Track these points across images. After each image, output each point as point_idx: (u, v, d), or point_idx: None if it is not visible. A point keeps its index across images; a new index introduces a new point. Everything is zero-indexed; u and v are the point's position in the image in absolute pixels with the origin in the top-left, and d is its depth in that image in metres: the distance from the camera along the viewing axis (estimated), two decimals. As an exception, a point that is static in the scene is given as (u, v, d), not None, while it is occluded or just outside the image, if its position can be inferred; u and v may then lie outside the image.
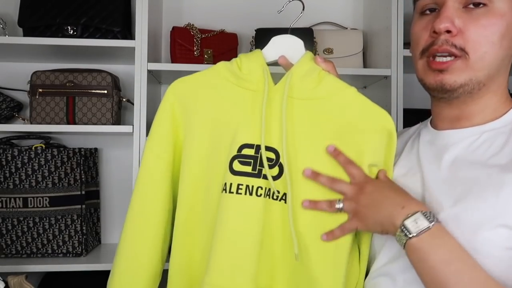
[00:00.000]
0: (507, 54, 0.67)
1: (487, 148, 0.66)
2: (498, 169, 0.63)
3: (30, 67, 1.46)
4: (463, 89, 0.67)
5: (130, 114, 1.57)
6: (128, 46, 1.35)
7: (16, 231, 1.36)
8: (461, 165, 0.68)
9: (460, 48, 0.65)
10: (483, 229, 0.60)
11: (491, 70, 0.66)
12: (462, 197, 0.64)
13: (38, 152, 1.37)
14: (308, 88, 0.77)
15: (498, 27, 0.64)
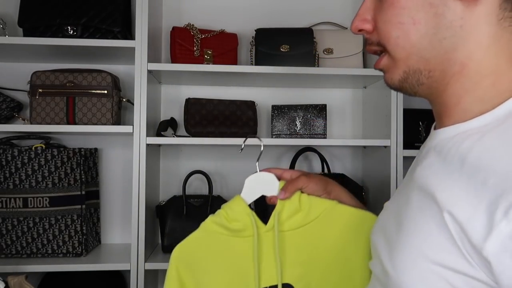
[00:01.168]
0: (436, 25, 0.51)
1: (451, 158, 0.51)
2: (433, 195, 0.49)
3: (30, 67, 1.46)
4: (407, 84, 0.56)
5: (130, 114, 1.57)
6: (128, 46, 1.35)
7: (16, 231, 1.36)
8: (415, 179, 0.55)
9: (378, 43, 0.57)
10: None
11: (423, 53, 0.53)
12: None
13: (38, 152, 1.37)
14: (295, 219, 0.77)
15: (401, 4, 0.53)
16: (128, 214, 1.41)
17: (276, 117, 1.51)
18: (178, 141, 1.43)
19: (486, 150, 0.47)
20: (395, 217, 0.57)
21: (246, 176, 1.01)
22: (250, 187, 0.79)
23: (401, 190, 0.61)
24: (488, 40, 0.51)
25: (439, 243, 0.46)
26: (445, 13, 0.50)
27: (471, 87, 0.52)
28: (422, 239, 0.48)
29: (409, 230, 0.51)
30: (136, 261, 1.33)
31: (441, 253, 0.46)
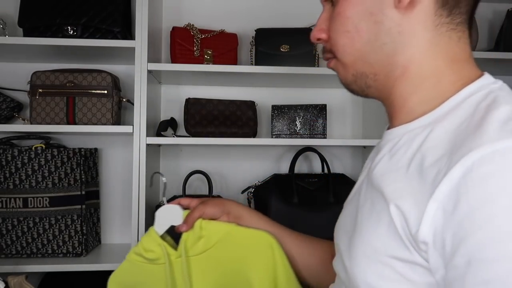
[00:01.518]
0: (377, 32, 0.54)
1: (403, 152, 0.53)
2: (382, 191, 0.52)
3: (30, 67, 1.46)
4: (356, 85, 0.59)
5: (130, 114, 1.57)
6: (128, 46, 1.35)
7: (16, 231, 1.36)
8: (370, 179, 0.58)
9: (329, 51, 0.60)
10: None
11: (367, 58, 0.56)
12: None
13: (38, 152, 1.37)
14: (198, 245, 0.84)
15: (346, 13, 0.55)
16: (128, 214, 1.41)
17: (276, 117, 1.51)
18: (178, 141, 1.43)
19: (429, 147, 0.49)
20: (352, 216, 0.60)
21: (246, 176, 1.02)
22: (160, 218, 0.85)
23: (357, 189, 0.64)
24: (426, 44, 0.54)
25: (387, 236, 0.49)
26: (384, 21, 0.54)
27: (414, 89, 0.55)
28: (373, 233, 0.51)
29: (363, 226, 0.54)
30: (136, 261, 1.32)
31: (389, 244, 0.48)
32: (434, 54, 0.55)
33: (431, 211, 0.44)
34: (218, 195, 1.52)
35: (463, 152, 0.43)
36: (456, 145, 0.45)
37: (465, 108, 0.50)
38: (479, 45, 1.58)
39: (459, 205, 0.41)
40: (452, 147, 0.46)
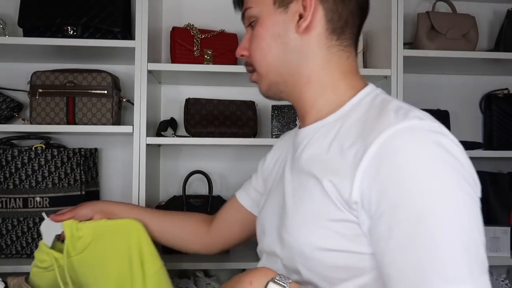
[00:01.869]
0: (284, 49, 0.70)
1: (317, 146, 0.68)
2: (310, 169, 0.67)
3: (30, 67, 1.46)
4: (272, 92, 0.75)
5: (130, 114, 1.57)
6: (128, 46, 1.35)
7: (16, 231, 1.36)
8: (296, 167, 0.72)
9: (250, 64, 0.75)
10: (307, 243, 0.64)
11: (276, 70, 0.72)
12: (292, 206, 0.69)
13: (38, 152, 1.37)
14: (79, 244, 0.94)
15: (260, 35, 0.71)
16: (128, 214, 1.40)
17: (276, 117, 1.51)
18: (178, 141, 1.43)
19: (343, 136, 0.64)
20: (279, 200, 0.73)
21: (246, 176, 1.03)
22: (45, 232, 0.96)
23: (279, 180, 0.78)
24: (322, 60, 0.71)
25: (323, 204, 0.62)
26: (289, 42, 0.70)
27: (319, 94, 0.71)
28: (310, 206, 0.64)
29: (298, 203, 0.67)
30: (136, 261, 1.32)
31: (325, 211, 0.61)
32: (329, 68, 0.71)
33: (358, 180, 0.57)
34: (218, 195, 1.52)
35: (375, 134, 0.57)
36: (365, 131, 0.60)
37: (363, 106, 0.67)
38: (479, 45, 1.58)
39: (379, 171, 0.56)
40: (362, 133, 0.60)
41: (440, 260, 0.50)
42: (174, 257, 1.40)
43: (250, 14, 0.73)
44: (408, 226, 0.53)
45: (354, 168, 0.58)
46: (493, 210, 1.57)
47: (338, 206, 0.60)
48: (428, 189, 0.53)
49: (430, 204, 0.52)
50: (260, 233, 0.81)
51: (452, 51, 1.45)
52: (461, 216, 0.53)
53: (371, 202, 0.56)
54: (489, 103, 1.67)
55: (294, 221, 0.66)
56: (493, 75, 1.72)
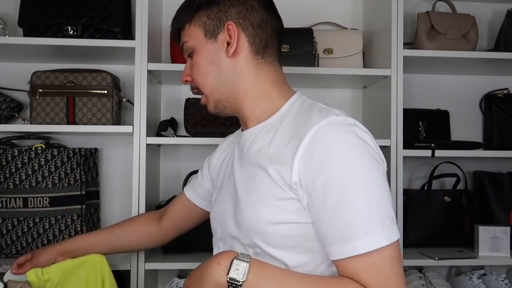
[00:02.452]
0: (220, 72, 0.85)
1: (260, 143, 0.83)
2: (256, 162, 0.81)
3: (30, 67, 1.46)
4: (219, 109, 0.88)
5: (130, 114, 1.57)
6: (128, 46, 1.35)
7: (16, 231, 1.36)
8: (244, 161, 0.85)
9: (196, 87, 0.90)
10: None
11: (217, 89, 0.86)
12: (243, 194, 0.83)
13: (38, 152, 1.37)
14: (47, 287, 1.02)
15: (198, 62, 0.86)
16: (128, 214, 1.40)
17: (276, 117, 1.50)
18: (178, 141, 1.43)
19: (281, 133, 0.79)
20: (231, 191, 0.87)
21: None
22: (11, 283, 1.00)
23: (228, 175, 0.92)
24: (253, 76, 0.86)
25: (269, 187, 0.76)
26: (222, 64, 0.85)
27: (256, 103, 0.86)
28: (259, 189, 0.78)
29: (250, 190, 0.80)
30: (136, 261, 1.33)
31: (272, 192, 0.76)
32: (260, 81, 0.86)
33: (296, 165, 0.73)
34: (218, 195, 1.52)
35: (306, 130, 0.73)
36: (298, 129, 0.76)
37: (294, 109, 0.83)
38: (479, 45, 1.58)
39: (312, 157, 0.71)
40: (296, 130, 0.76)
41: (360, 217, 0.68)
42: (174, 257, 1.40)
43: (188, 46, 0.88)
44: (336, 195, 0.69)
45: (292, 157, 0.73)
46: (493, 210, 1.57)
47: (282, 187, 0.75)
48: (349, 166, 0.70)
49: (351, 177, 0.69)
50: (217, 224, 0.93)
51: (452, 51, 1.45)
52: (372, 184, 0.70)
53: (307, 181, 0.72)
54: (489, 103, 1.67)
55: (247, 205, 0.80)
56: (493, 75, 1.72)
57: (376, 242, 0.66)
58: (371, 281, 0.67)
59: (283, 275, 0.73)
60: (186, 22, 0.87)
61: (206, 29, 0.85)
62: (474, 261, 1.45)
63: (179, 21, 0.89)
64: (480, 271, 1.55)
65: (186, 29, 0.87)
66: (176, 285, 1.41)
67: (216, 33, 0.84)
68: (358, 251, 0.66)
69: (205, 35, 0.85)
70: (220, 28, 0.84)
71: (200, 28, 0.85)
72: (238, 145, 0.91)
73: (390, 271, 0.68)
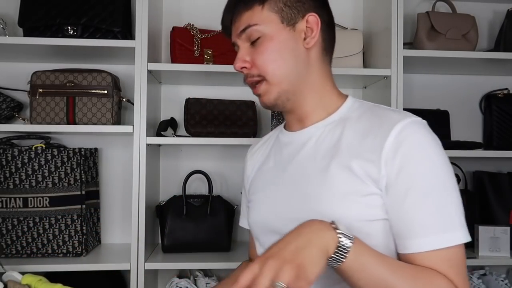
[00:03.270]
0: (296, 61, 0.82)
1: (329, 140, 0.82)
2: (331, 158, 0.79)
3: (30, 67, 1.46)
4: (280, 101, 0.84)
5: (130, 114, 1.57)
6: (128, 46, 1.35)
7: (16, 231, 1.36)
8: (312, 159, 0.83)
9: (258, 75, 0.83)
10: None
11: (289, 78, 0.82)
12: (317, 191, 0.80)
13: (38, 152, 1.37)
14: None
15: (272, 48, 0.81)
16: (128, 214, 1.41)
17: (276, 117, 1.51)
18: (178, 141, 1.43)
19: (352, 131, 0.80)
20: (289, 191, 0.84)
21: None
22: None
23: (272, 180, 0.89)
24: (321, 72, 0.85)
25: (352, 183, 0.75)
26: (299, 55, 0.82)
27: (319, 100, 0.86)
28: (341, 186, 0.76)
29: (328, 186, 0.77)
30: (136, 261, 1.33)
31: (355, 188, 0.75)
32: (325, 78, 0.86)
33: (383, 160, 0.73)
34: (218, 195, 1.52)
35: (389, 128, 0.74)
36: (375, 125, 0.77)
37: (357, 109, 0.84)
38: (479, 45, 1.58)
39: (398, 152, 0.72)
40: (372, 127, 0.77)
41: (445, 212, 0.70)
42: (174, 257, 1.40)
43: (255, 30, 0.82)
44: (422, 189, 0.71)
45: (378, 152, 0.74)
46: (492, 210, 1.57)
47: (366, 183, 0.74)
48: (436, 163, 0.73)
49: (438, 173, 0.72)
50: (266, 225, 0.88)
51: (452, 51, 1.45)
52: (454, 183, 0.73)
53: (391, 175, 0.72)
54: (489, 103, 1.67)
55: (328, 201, 0.77)
56: (493, 75, 1.72)
57: (457, 238, 0.69)
58: (450, 273, 0.69)
59: (379, 254, 0.69)
60: (257, 3, 0.82)
61: (283, 15, 0.81)
62: (474, 261, 1.45)
63: (246, 2, 0.83)
64: (480, 271, 1.55)
65: (257, 11, 0.82)
66: (176, 285, 1.41)
67: (294, 22, 0.82)
68: (442, 245, 0.69)
69: (282, 22, 0.81)
70: (298, 17, 0.82)
71: (276, 14, 0.81)
72: (290, 144, 0.89)
73: (463, 267, 0.71)
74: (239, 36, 0.85)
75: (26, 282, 0.99)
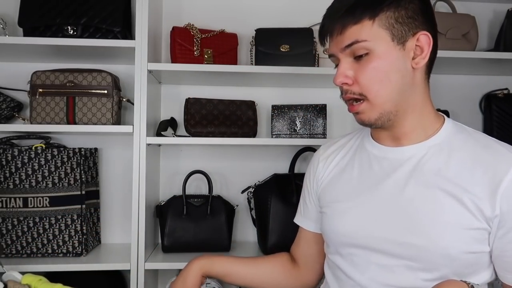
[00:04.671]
0: (402, 82, 0.79)
1: (433, 164, 0.81)
2: (439, 185, 0.79)
3: (30, 67, 1.46)
4: (380, 121, 0.81)
5: (130, 114, 1.57)
6: (128, 46, 1.35)
7: (16, 231, 1.36)
8: (415, 181, 0.81)
9: (359, 94, 0.80)
10: None
11: (393, 100, 0.79)
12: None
13: (38, 152, 1.37)
14: None
15: (380, 68, 0.77)
16: (128, 214, 1.41)
17: (276, 117, 1.51)
18: (178, 141, 1.43)
19: (459, 160, 0.80)
20: (384, 208, 0.82)
21: (246, 176, 1.01)
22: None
23: (365, 193, 0.86)
24: (423, 92, 0.83)
25: (463, 216, 0.76)
26: (406, 75, 0.79)
27: (419, 120, 0.84)
28: (449, 216, 0.76)
29: (435, 213, 0.77)
30: (136, 261, 1.33)
31: (465, 221, 0.76)
32: (426, 99, 0.85)
33: (498, 200, 0.74)
34: (218, 195, 1.52)
35: (506, 166, 0.75)
36: (483, 159, 0.78)
37: (457, 134, 0.84)
38: (479, 45, 1.58)
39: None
40: (482, 161, 0.78)
41: None
42: (174, 257, 1.40)
43: (363, 47, 0.77)
44: None
45: (492, 191, 0.75)
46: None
47: (478, 218, 0.75)
48: None
49: None
50: (350, 236, 0.86)
51: (452, 51, 1.45)
52: None
53: (505, 214, 0.74)
54: (489, 103, 1.67)
55: (438, 230, 0.76)
56: (493, 75, 1.72)
57: None
58: None
59: None
60: (367, 18, 0.77)
61: (393, 33, 0.77)
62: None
63: (355, 15, 0.77)
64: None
65: (366, 26, 0.77)
66: (176, 285, 1.41)
67: (404, 40, 0.77)
68: None
69: (392, 40, 0.77)
70: (409, 35, 0.78)
71: (386, 31, 0.77)
72: (383, 159, 0.86)
73: None
74: (342, 50, 0.80)
75: (26, 282, 0.99)
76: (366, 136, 0.93)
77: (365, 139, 0.93)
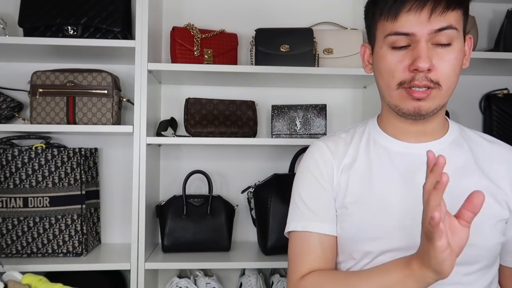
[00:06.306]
0: (459, 74, 0.81)
1: (457, 159, 0.83)
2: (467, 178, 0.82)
3: (30, 67, 1.46)
4: (436, 111, 0.81)
5: (130, 114, 1.57)
6: (128, 46, 1.35)
7: (16, 231, 1.36)
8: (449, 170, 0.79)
9: (435, 81, 0.78)
10: None
11: (452, 91, 0.81)
12: None
13: (38, 152, 1.37)
14: None
15: (457, 61, 0.78)
16: (128, 214, 1.41)
17: (276, 117, 1.51)
18: (178, 141, 1.43)
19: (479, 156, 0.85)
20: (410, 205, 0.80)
21: (246, 176, 1.01)
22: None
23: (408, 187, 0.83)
24: None
25: (494, 207, 0.80)
26: (461, 68, 0.80)
27: (442, 117, 0.87)
28: (486, 208, 0.73)
29: None
30: (136, 261, 1.33)
31: (495, 213, 0.80)
32: None
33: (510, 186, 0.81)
34: (218, 195, 1.52)
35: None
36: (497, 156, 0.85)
37: (462, 130, 0.90)
38: (479, 45, 1.58)
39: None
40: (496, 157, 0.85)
41: None
42: (174, 257, 1.40)
43: (451, 36, 0.76)
44: None
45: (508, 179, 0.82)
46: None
47: (505, 208, 0.81)
48: None
49: None
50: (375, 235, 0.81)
51: (452, 51, 1.45)
52: None
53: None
54: (489, 103, 1.67)
55: (475, 222, 0.71)
56: (493, 75, 1.72)
57: None
58: None
59: None
60: (461, 8, 0.77)
61: (464, 25, 0.79)
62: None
63: (452, 1, 0.75)
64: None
65: (458, 16, 0.77)
66: (176, 285, 1.41)
67: (464, 35, 0.80)
68: None
69: (463, 36, 0.80)
70: (464, 33, 0.81)
71: (461, 22, 0.78)
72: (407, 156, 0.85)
73: None
74: (430, 32, 0.75)
75: (27, 282, 0.99)
76: (376, 132, 0.91)
77: (376, 135, 0.90)
